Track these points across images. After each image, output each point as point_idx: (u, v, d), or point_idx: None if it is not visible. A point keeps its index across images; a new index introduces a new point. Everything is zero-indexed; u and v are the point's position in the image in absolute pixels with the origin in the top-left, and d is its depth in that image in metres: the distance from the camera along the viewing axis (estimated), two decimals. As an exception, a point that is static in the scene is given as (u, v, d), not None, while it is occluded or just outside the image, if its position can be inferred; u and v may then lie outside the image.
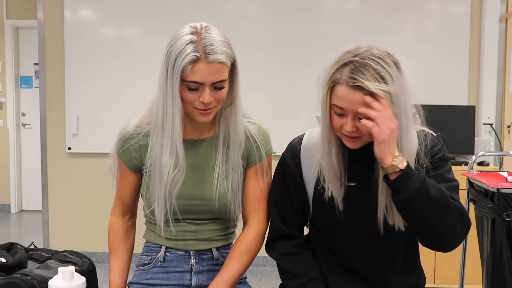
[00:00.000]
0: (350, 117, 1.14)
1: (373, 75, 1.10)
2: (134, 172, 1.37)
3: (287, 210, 1.32)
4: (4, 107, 5.31)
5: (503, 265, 2.03)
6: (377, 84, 1.09)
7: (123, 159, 1.37)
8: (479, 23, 3.42)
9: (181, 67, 1.17)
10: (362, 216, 1.23)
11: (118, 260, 1.41)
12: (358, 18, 3.42)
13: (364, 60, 1.11)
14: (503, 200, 1.99)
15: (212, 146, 1.34)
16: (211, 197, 1.32)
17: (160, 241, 1.38)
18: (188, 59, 1.16)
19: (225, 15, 3.45)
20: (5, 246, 1.49)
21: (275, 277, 3.37)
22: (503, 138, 3.46)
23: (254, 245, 1.36)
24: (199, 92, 1.21)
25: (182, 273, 1.37)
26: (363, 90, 1.10)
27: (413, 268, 1.33)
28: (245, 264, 1.35)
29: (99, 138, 3.52)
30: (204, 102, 1.20)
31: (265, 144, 1.38)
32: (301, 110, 3.40)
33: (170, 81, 1.20)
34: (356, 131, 1.14)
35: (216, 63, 1.18)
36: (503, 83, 3.45)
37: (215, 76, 1.19)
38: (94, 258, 3.50)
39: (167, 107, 1.23)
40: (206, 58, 1.17)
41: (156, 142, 1.29)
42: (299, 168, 1.30)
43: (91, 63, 3.49)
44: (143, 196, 1.37)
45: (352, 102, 1.12)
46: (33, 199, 5.33)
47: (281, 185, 1.33)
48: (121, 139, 1.36)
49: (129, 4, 3.46)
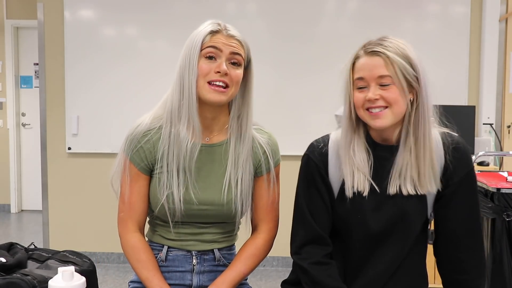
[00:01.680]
0: (372, 84, 1.16)
1: (394, 47, 1.15)
2: (145, 174, 1.32)
3: (320, 210, 1.27)
4: (4, 107, 5.30)
5: (503, 265, 2.03)
6: (396, 51, 1.15)
7: (135, 161, 1.31)
8: (479, 23, 3.42)
9: (202, 37, 1.23)
10: (381, 217, 1.22)
11: (161, 278, 1.31)
12: (358, 18, 3.42)
13: (385, 37, 1.18)
14: (503, 200, 1.99)
15: (222, 151, 1.34)
16: (219, 202, 1.31)
17: (162, 241, 1.38)
18: (208, 29, 1.24)
19: (225, 15, 3.44)
20: (5, 246, 1.49)
21: (275, 277, 3.37)
22: (503, 138, 3.46)
23: (262, 250, 1.37)
24: (216, 63, 1.24)
25: (183, 273, 1.37)
26: (381, 56, 1.14)
27: (420, 272, 1.31)
28: (251, 267, 1.35)
29: (99, 138, 3.52)
30: (220, 70, 1.22)
31: (274, 154, 1.38)
32: (301, 110, 3.40)
33: (188, 56, 1.24)
34: (380, 99, 1.15)
35: (234, 38, 1.26)
36: (503, 83, 3.45)
37: (233, 48, 1.25)
38: (94, 258, 3.50)
39: (184, 82, 1.24)
40: (225, 31, 1.25)
41: (171, 129, 1.27)
42: (326, 166, 1.27)
43: (91, 63, 3.49)
44: (152, 196, 1.33)
45: (372, 68, 1.15)
46: (33, 199, 5.33)
47: (310, 185, 1.28)
48: (133, 140, 1.31)
49: (129, 4, 3.46)
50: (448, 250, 1.25)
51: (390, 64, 1.14)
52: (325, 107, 3.33)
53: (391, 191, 1.21)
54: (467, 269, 1.23)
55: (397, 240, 1.23)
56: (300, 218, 1.29)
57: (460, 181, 1.21)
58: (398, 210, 1.21)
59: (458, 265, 1.24)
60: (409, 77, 1.15)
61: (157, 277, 1.29)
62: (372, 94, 1.15)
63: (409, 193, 1.20)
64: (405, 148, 1.19)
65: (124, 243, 1.34)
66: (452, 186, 1.22)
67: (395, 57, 1.14)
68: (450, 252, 1.25)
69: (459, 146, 1.23)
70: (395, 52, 1.15)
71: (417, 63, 1.16)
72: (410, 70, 1.15)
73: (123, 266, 3.55)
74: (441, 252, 1.28)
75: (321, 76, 3.38)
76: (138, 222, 1.35)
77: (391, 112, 1.16)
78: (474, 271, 1.23)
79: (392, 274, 1.25)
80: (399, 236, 1.23)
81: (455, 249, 1.24)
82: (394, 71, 1.14)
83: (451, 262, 1.25)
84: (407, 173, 1.19)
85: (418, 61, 1.16)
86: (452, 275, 1.26)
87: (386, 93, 1.15)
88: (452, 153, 1.21)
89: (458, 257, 1.24)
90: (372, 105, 1.16)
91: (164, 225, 1.36)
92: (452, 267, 1.25)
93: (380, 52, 1.15)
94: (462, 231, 1.23)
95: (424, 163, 1.18)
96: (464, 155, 1.23)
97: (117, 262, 3.61)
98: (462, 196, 1.22)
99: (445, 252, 1.26)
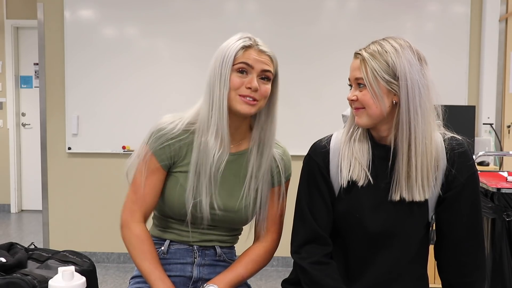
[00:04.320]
0: (353, 86, 1.20)
1: (375, 50, 1.17)
2: (164, 170, 1.33)
3: (320, 210, 1.27)
4: (4, 107, 5.30)
5: (503, 265, 2.02)
6: (374, 53, 1.16)
7: (159, 156, 1.31)
8: (479, 23, 3.42)
9: (234, 52, 1.27)
10: (379, 217, 1.22)
11: (162, 270, 1.31)
12: (358, 18, 3.42)
13: (383, 39, 1.20)
14: (503, 200, 1.99)
15: (244, 161, 1.36)
16: (234, 208, 1.34)
17: (164, 235, 1.40)
18: (240, 45, 1.28)
19: (225, 15, 3.45)
20: (5, 246, 1.49)
21: (275, 277, 3.37)
22: (503, 138, 3.46)
23: (263, 258, 1.40)
24: (247, 78, 1.27)
25: (184, 264, 1.39)
26: (358, 58, 1.18)
27: (421, 275, 1.31)
28: (251, 271, 1.38)
29: (99, 138, 3.52)
30: (252, 86, 1.26)
31: (286, 169, 1.42)
32: (302, 109, 3.40)
33: (219, 68, 1.27)
34: (357, 100, 1.19)
35: (265, 54, 1.30)
36: (503, 83, 3.45)
37: (264, 65, 1.29)
38: (94, 258, 3.50)
39: (214, 94, 1.27)
40: (257, 47, 1.29)
41: (201, 139, 1.29)
42: (327, 166, 1.27)
43: (91, 63, 3.49)
44: (170, 197, 1.34)
45: (352, 69, 1.20)
46: (33, 199, 5.33)
47: (310, 184, 1.29)
48: (162, 136, 1.31)
49: (129, 4, 3.46)
50: (450, 253, 1.24)
51: (363, 66, 1.17)
52: (325, 106, 3.33)
53: (392, 195, 1.20)
54: (469, 272, 1.23)
55: (398, 243, 1.23)
56: (301, 217, 1.29)
57: (463, 185, 1.20)
58: (397, 212, 1.21)
59: (460, 268, 1.23)
60: (383, 80, 1.15)
61: (158, 270, 1.29)
62: (350, 94, 1.21)
63: (405, 198, 1.19)
64: (399, 152, 1.18)
65: (127, 232, 1.33)
66: (455, 190, 1.21)
67: (369, 60, 1.16)
68: (451, 255, 1.24)
69: (463, 150, 1.22)
70: (372, 55, 1.16)
71: (399, 67, 1.13)
72: (385, 74, 1.14)
73: (123, 266, 3.55)
74: (443, 255, 1.27)
75: (321, 75, 3.38)
76: (145, 214, 1.35)
77: (366, 113, 1.19)
78: (475, 273, 1.23)
79: (394, 277, 1.25)
80: (400, 239, 1.22)
81: (457, 252, 1.23)
82: (366, 74, 1.16)
83: (453, 265, 1.24)
84: (402, 178, 1.18)
85: (404, 65, 1.14)
86: (454, 278, 1.25)
87: (360, 95, 1.18)
88: (456, 157, 1.20)
89: (459, 260, 1.23)
90: (352, 105, 1.22)
91: (174, 223, 1.38)
92: (453, 270, 1.25)
93: (359, 54, 1.19)
94: (464, 234, 1.22)
95: (416, 170, 1.16)
96: (467, 159, 1.22)
97: (117, 262, 3.61)
98: (464, 200, 1.21)
99: (447, 255, 1.25)
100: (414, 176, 1.16)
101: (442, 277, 1.29)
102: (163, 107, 3.33)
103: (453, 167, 1.20)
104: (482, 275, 1.24)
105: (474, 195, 1.22)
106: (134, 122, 3.47)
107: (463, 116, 3.27)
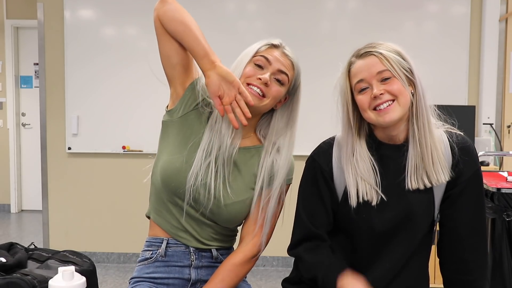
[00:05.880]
0: (373, 82, 1.18)
1: (383, 46, 1.20)
2: (190, 79, 1.40)
3: (318, 212, 1.28)
4: (4, 107, 5.31)
5: (503, 265, 2.03)
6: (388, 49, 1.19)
7: (197, 82, 1.35)
8: (479, 23, 3.42)
9: (259, 45, 1.30)
10: (385, 217, 1.22)
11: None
12: (358, 17, 3.42)
13: (372, 42, 1.23)
14: (503, 200, 1.99)
15: (247, 156, 1.36)
16: (235, 200, 1.32)
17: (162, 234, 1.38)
18: (269, 42, 1.31)
19: (225, 15, 3.45)
20: (5, 246, 1.50)
21: (275, 277, 3.37)
22: (503, 138, 3.46)
23: (240, 267, 1.34)
24: (261, 72, 1.28)
25: (182, 267, 1.39)
26: (374, 54, 1.18)
27: (422, 273, 1.31)
28: (230, 284, 1.32)
29: (99, 138, 3.52)
30: (262, 78, 1.26)
31: (288, 173, 1.38)
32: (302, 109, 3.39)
33: (241, 57, 1.30)
34: (386, 93, 1.17)
35: (288, 58, 1.31)
36: (503, 83, 3.45)
37: (282, 66, 1.29)
38: (94, 258, 3.50)
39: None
40: (283, 49, 1.32)
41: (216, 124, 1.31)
42: (330, 169, 1.27)
43: (91, 62, 3.49)
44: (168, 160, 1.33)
45: (369, 67, 1.18)
46: (33, 199, 5.33)
47: (311, 185, 1.29)
48: (203, 87, 1.32)
49: (129, 4, 3.46)
50: (453, 251, 1.25)
51: (384, 59, 1.17)
52: (325, 107, 3.33)
53: (410, 184, 1.21)
54: (471, 270, 1.23)
55: (403, 239, 1.23)
56: (298, 218, 1.31)
57: (467, 181, 1.22)
58: (404, 208, 1.22)
59: (462, 265, 1.24)
60: (405, 69, 1.19)
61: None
62: (376, 90, 1.16)
63: (419, 188, 1.20)
64: (414, 142, 1.20)
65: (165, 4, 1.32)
66: (459, 186, 1.22)
67: (387, 53, 1.18)
68: (454, 252, 1.25)
69: (466, 145, 1.23)
70: (386, 49, 1.19)
71: (408, 57, 1.21)
72: (404, 63, 1.19)
73: (123, 266, 3.55)
74: (445, 252, 1.28)
75: (321, 75, 3.38)
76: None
77: (398, 104, 1.17)
78: (478, 271, 1.23)
79: (396, 273, 1.25)
80: (406, 235, 1.23)
81: (459, 250, 1.24)
82: (391, 64, 1.17)
83: (455, 262, 1.25)
84: (420, 166, 1.20)
85: (409, 56, 1.21)
86: (456, 276, 1.25)
87: (389, 87, 1.17)
88: (459, 152, 1.22)
89: (462, 258, 1.24)
90: (379, 101, 1.17)
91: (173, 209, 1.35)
92: (455, 268, 1.25)
93: (373, 52, 1.19)
94: (467, 231, 1.23)
95: (433, 152, 1.19)
96: (471, 154, 1.23)
97: (117, 262, 3.61)
98: (468, 196, 1.22)
99: (449, 252, 1.26)
100: (431, 161, 1.19)
101: (443, 274, 1.29)
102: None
103: (458, 162, 1.21)
104: (483, 274, 1.24)
105: (478, 191, 1.23)
106: (134, 122, 3.47)
107: (463, 116, 3.26)
